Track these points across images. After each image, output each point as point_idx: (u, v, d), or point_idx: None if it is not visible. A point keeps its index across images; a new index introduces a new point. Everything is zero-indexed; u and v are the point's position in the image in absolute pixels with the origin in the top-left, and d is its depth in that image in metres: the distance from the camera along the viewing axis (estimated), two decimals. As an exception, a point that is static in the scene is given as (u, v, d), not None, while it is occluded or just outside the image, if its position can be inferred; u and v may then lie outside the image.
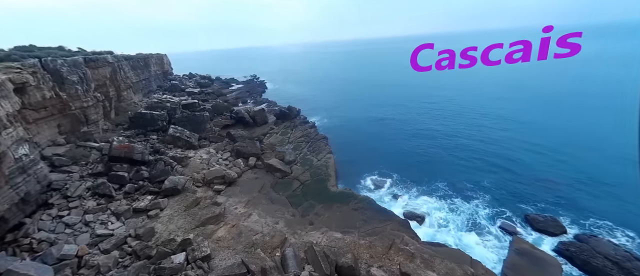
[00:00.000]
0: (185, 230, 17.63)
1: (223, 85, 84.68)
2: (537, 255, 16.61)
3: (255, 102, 60.13)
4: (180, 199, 21.07)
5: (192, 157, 28.05)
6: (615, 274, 15.43)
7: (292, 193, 23.76)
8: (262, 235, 17.20)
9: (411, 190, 25.15)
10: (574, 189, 24.03)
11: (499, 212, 21.62)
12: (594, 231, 19.20)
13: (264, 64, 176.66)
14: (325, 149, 32.09)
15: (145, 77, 55.27)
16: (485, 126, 40.63)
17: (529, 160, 29.73)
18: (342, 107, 55.85)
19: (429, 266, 14.20)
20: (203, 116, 36.05)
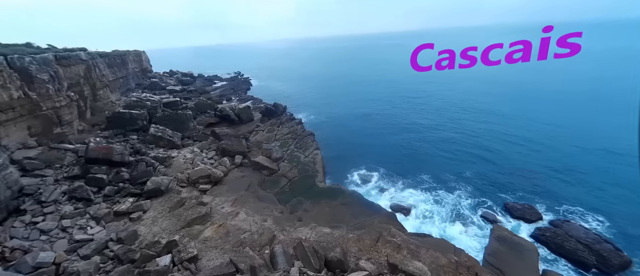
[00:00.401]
0: (170, 232, 17.19)
1: (206, 82, 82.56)
2: (516, 241, 17.45)
3: (240, 99, 59.10)
4: (164, 200, 20.49)
5: (175, 157, 27.28)
6: (586, 256, 16.49)
7: (280, 191, 23.66)
8: (250, 234, 17.05)
9: (397, 184, 25.68)
10: (549, 177, 25.39)
11: (480, 202, 22.52)
12: (567, 216, 20.40)
13: (247, 61, 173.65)
14: (313, 145, 32.10)
15: (122, 74, 53.00)
16: (466, 119, 42.04)
17: (507, 151, 31.10)
18: (328, 103, 55.96)
19: (415, 256, 14.60)
20: (186, 114, 35.06)
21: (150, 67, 78.77)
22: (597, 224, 19.48)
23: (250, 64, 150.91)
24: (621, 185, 23.43)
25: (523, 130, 35.89)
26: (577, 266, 16.46)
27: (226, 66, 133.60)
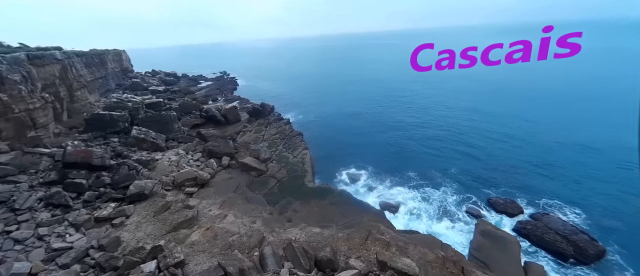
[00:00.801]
0: (155, 237, 16.67)
1: (190, 82, 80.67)
2: (499, 235, 18.07)
3: (226, 100, 58.08)
4: (148, 204, 19.85)
5: (159, 160, 26.49)
6: (564, 247, 17.29)
7: (269, 191, 23.44)
8: (239, 236, 16.80)
9: (385, 181, 26.01)
10: (529, 172, 26.43)
11: (465, 198, 23.15)
12: (546, 209, 21.30)
13: (233, 60, 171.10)
14: (301, 145, 32.00)
15: (101, 75, 50.96)
16: (451, 117, 43.15)
17: (490, 147, 32.15)
18: (316, 103, 55.94)
19: (403, 253, 14.84)
20: (170, 116, 34.09)
21: (131, 67, 76.11)
22: (575, 216, 20.45)
23: (236, 63, 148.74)
24: (597, 178, 24.75)
25: (505, 127, 37.24)
26: (556, 257, 17.23)
27: (211, 66, 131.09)
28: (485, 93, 55.90)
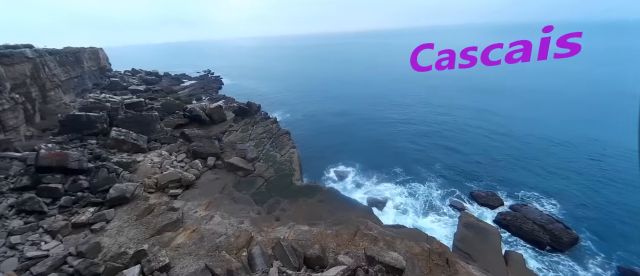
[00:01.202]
0: (138, 241, 16.13)
1: (173, 81, 78.38)
2: (481, 226, 18.74)
3: (211, 99, 56.86)
4: (130, 208, 19.16)
5: (141, 161, 25.61)
6: (541, 235, 18.17)
7: (257, 191, 23.21)
8: (226, 237, 16.54)
9: (372, 178, 26.35)
10: (508, 165, 27.59)
11: (449, 192, 23.85)
12: (525, 200, 22.30)
13: (218, 59, 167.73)
14: (289, 144, 31.84)
15: (77, 74, 48.61)
16: (434, 113, 44.31)
17: (472, 141, 33.31)
18: (303, 102, 55.82)
19: (391, 247, 15.11)
20: (151, 116, 33.00)
21: (109, 66, 73.05)
22: (551, 206, 21.52)
23: (221, 62, 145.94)
24: (570, 170, 26.15)
25: (485, 122, 38.70)
26: (534, 245, 18.10)
27: (195, 64, 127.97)
28: (468, 89, 57.68)
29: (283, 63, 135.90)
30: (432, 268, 13.97)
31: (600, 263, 16.73)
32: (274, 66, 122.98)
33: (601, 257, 17.07)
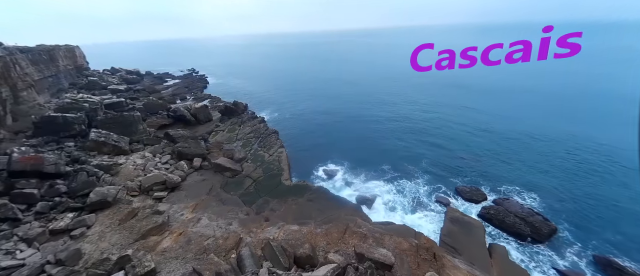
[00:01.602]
0: (121, 246, 15.59)
1: (155, 80, 75.98)
2: (466, 220, 19.31)
3: (195, 98, 55.53)
4: (112, 212, 18.48)
5: (123, 164, 24.72)
6: (522, 228, 18.93)
7: (245, 192, 22.91)
8: (214, 239, 16.25)
9: (361, 176, 26.58)
10: (491, 161, 28.52)
11: (435, 188, 24.41)
12: (507, 195, 23.13)
13: (203, 57, 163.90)
14: (277, 143, 31.60)
15: (51, 73, 46.19)
16: (420, 111, 45.18)
17: (457, 138, 34.25)
18: (291, 100, 55.50)
19: (380, 244, 15.33)
20: (133, 116, 31.86)
21: (86, 64, 69.82)
22: (531, 200, 22.43)
23: (206, 60, 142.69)
24: (549, 164, 27.36)
25: (469, 119, 39.83)
26: (516, 237, 18.82)
27: (179, 63, 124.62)
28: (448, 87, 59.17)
29: (270, 61, 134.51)
30: (420, 262, 14.27)
31: (577, 252, 17.63)
32: (261, 64, 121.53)
33: (578, 246, 17.99)
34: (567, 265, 16.86)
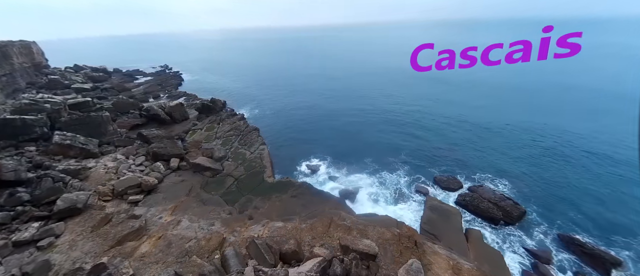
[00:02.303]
0: (95, 254, 14.75)
1: (125, 78, 71.95)
2: (444, 208, 20.21)
3: (170, 96, 53.20)
4: (83, 220, 17.38)
5: (93, 168, 23.26)
6: (495, 212, 20.13)
7: (227, 191, 22.42)
8: (196, 241, 15.81)
9: (344, 170, 26.89)
10: (466, 150, 29.94)
11: (415, 178, 25.26)
12: (480, 182, 24.42)
13: (176, 53, 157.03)
14: (258, 141, 31.11)
15: (5, 71, 42.31)
16: (398, 103, 46.33)
17: (434, 129, 35.63)
18: (272, 97, 54.77)
19: (364, 235, 15.67)
20: (102, 117, 29.97)
21: (45, 62, 64.47)
22: (502, 186, 23.85)
23: (179, 56, 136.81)
24: (518, 151, 29.17)
25: (446, 111, 41.49)
26: (489, 221, 19.99)
27: (150, 59, 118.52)
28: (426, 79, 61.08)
29: (249, 57, 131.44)
30: (402, 251, 14.78)
31: (543, 231, 19.07)
32: (239, 60, 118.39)
33: (544, 226, 19.45)
34: (535, 244, 18.21)
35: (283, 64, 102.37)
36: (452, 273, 13.65)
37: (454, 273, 13.62)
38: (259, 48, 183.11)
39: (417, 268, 12.12)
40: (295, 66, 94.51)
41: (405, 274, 11.83)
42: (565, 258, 17.20)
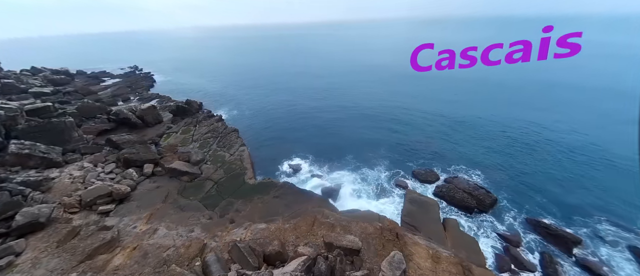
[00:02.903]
0: (63, 271, 13.72)
1: (90, 80, 67.39)
2: (423, 200, 20.94)
3: (141, 99, 50.55)
4: (47, 234, 16.10)
5: (56, 178, 21.59)
6: (469, 201, 21.19)
7: (206, 195, 21.73)
8: (175, 249, 15.19)
9: (326, 167, 27.06)
10: (442, 143, 31.22)
11: (395, 173, 25.95)
12: (455, 173, 25.57)
13: (148, 52, 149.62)
14: (238, 142, 30.40)
15: (-53, 76, 37.93)
16: (376, 99, 47.31)
17: (411, 123, 36.85)
18: (251, 96, 53.77)
19: (347, 231, 15.86)
20: (65, 122, 27.82)
21: (-3, 64, 58.78)
22: (476, 176, 25.12)
23: (150, 55, 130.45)
24: (490, 142, 30.83)
25: (422, 105, 42.97)
26: (465, 210, 21.02)
27: (118, 59, 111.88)
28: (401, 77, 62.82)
29: (226, 56, 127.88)
30: (385, 243, 15.14)
31: (513, 216, 20.38)
32: (216, 59, 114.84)
33: (514, 212, 20.77)
34: (506, 229, 19.42)
35: (263, 63, 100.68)
36: (432, 261, 14.20)
37: (434, 262, 14.18)
38: (238, 46, 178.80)
39: (399, 260, 12.47)
40: (276, 65, 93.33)
41: (388, 266, 12.12)
42: (533, 240, 18.51)
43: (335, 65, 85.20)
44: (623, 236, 18.10)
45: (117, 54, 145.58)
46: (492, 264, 16.93)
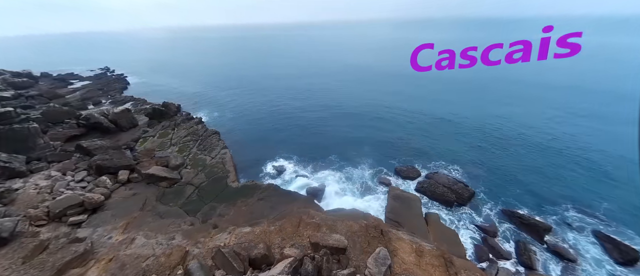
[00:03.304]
0: (30, 289, 12.76)
1: (56, 83, 63.23)
2: (406, 196, 21.48)
3: (114, 102, 48.07)
4: (11, 250, 14.89)
5: (20, 189, 20.04)
6: (449, 195, 21.98)
7: (187, 201, 21.02)
8: (154, 258, 14.56)
9: (310, 168, 27.01)
10: (422, 140, 32.13)
11: (378, 170, 26.39)
12: (435, 169, 26.40)
13: (119, 53, 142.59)
14: (219, 145, 29.66)
15: None
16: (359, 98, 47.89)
17: (393, 121, 37.64)
18: (232, 98, 52.62)
19: (333, 230, 15.93)
20: (28, 129, 25.91)
21: (-54, 67, 53.57)
22: (455, 171, 26.06)
23: (123, 56, 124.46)
24: (467, 137, 32.09)
25: (402, 104, 43.93)
26: (445, 204, 21.78)
27: (88, 60, 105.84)
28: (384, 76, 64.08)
29: (203, 57, 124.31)
30: (370, 240, 15.35)
31: (490, 208, 21.40)
32: (192, 60, 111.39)
33: (491, 204, 21.78)
34: (483, 220, 20.34)
35: (241, 63, 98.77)
36: (416, 255, 14.58)
37: (417, 256, 14.57)
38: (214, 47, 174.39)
39: (384, 255, 12.70)
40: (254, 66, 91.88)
41: (373, 262, 12.31)
42: (508, 229, 19.52)
43: (314, 66, 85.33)
44: (588, 222, 19.53)
45: (86, 54, 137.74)
46: (471, 254, 17.66)
